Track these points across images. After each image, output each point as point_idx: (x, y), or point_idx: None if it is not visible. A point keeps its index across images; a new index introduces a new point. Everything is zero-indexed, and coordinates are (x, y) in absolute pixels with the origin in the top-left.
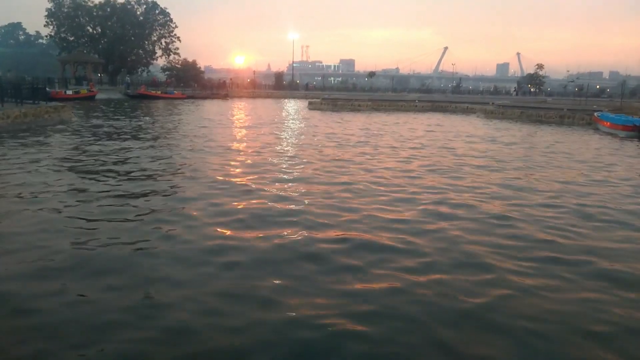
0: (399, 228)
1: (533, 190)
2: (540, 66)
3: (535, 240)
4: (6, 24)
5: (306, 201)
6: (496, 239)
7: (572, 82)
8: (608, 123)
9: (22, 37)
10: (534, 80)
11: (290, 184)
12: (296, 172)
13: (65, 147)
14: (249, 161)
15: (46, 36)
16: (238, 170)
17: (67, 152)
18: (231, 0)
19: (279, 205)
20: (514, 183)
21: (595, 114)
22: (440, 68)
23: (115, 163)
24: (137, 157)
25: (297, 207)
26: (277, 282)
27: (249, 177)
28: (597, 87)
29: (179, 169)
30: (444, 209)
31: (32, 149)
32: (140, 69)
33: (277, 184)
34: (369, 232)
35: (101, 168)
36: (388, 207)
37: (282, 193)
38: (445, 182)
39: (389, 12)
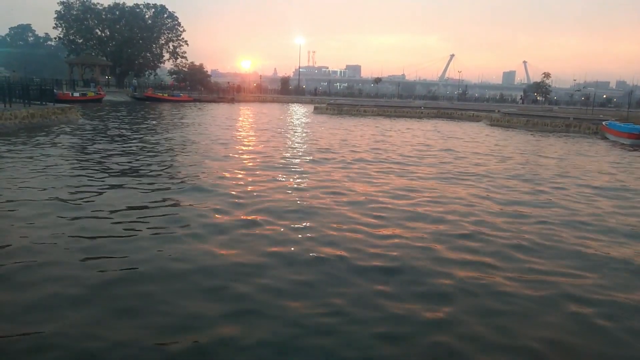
0: None
1: None
2: (547, 75)
3: None
4: (15, 25)
5: None
6: None
7: (578, 91)
8: (616, 131)
9: (31, 38)
10: (541, 89)
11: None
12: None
13: (72, 147)
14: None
15: (55, 38)
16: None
17: (73, 151)
18: (239, 5)
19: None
20: None
21: (604, 123)
22: (447, 75)
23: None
24: (138, 157)
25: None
26: None
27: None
28: (604, 96)
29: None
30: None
31: (40, 147)
32: (147, 72)
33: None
34: None
35: (102, 167)
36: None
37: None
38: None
39: (395, 19)
